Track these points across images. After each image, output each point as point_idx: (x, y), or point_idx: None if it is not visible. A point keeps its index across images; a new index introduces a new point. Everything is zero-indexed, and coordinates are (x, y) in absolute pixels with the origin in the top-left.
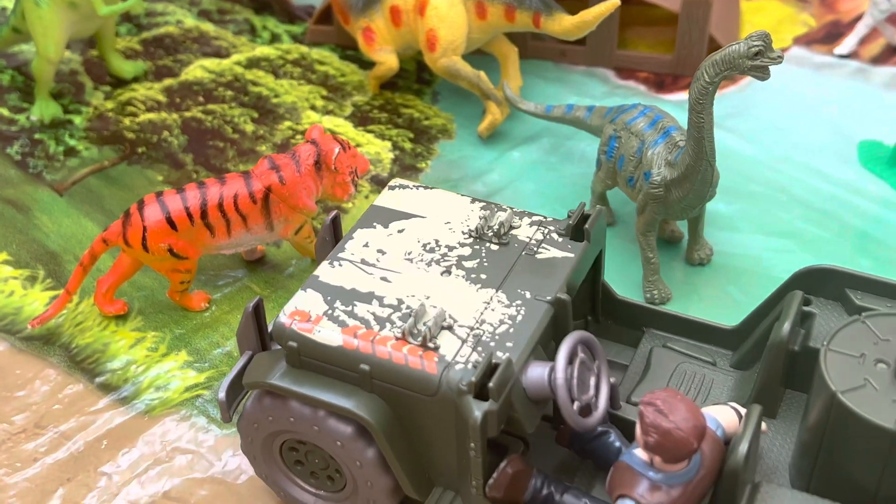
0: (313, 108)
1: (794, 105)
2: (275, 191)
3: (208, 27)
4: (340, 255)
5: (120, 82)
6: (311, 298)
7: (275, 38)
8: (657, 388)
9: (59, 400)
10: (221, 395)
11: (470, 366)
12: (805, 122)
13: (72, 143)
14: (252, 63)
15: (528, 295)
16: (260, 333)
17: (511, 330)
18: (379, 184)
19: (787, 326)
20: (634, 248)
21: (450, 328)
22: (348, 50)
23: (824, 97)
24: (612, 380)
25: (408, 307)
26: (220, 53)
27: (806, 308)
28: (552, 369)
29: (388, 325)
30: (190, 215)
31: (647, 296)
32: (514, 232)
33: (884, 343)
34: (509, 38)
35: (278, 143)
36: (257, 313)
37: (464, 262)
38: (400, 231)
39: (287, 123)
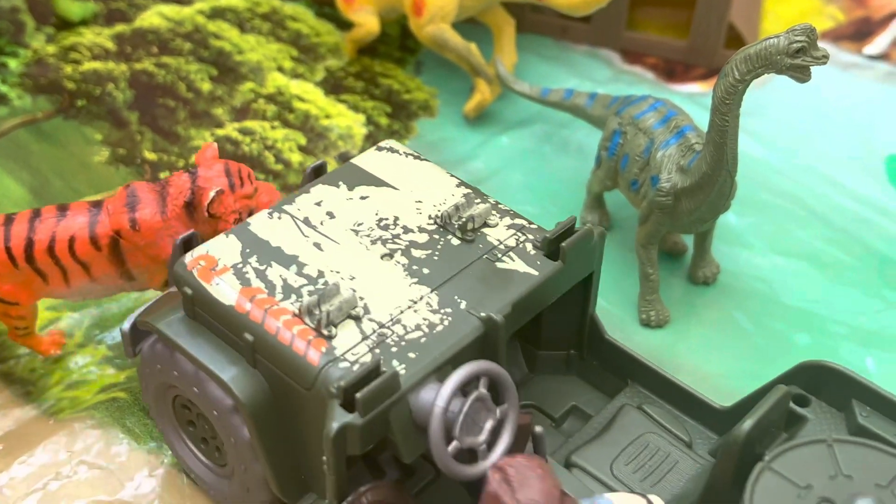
0: (280, 69)
1: (817, 107)
2: (125, 237)
3: None
4: (286, 206)
5: (65, 24)
6: (228, 246)
7: None
8: (607, 451)
9: None
10: (125, 325)
11: (356, 367)
12: (828, 128)
13: (3, 89)
14: (216, 13)
15: (462, 305)
16: None
17: (423, 339)
18: None
19: (748, 424)
20: (632, 257)
21: (357, 319)
22: (326, 7)
23: (850, 101)
24: (538, 429)
25: (325, 283)
26: None
27: (799, 409)
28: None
29: (293, 296)
30: (12, 257)
31: (643, 317)
32: (485, 230)
33: (843, 480)
34: (506, 9)
35: (237, 107)
36: (187, 247)
37: (412, 250)
38: (363, 198)
39: (249, 85)
